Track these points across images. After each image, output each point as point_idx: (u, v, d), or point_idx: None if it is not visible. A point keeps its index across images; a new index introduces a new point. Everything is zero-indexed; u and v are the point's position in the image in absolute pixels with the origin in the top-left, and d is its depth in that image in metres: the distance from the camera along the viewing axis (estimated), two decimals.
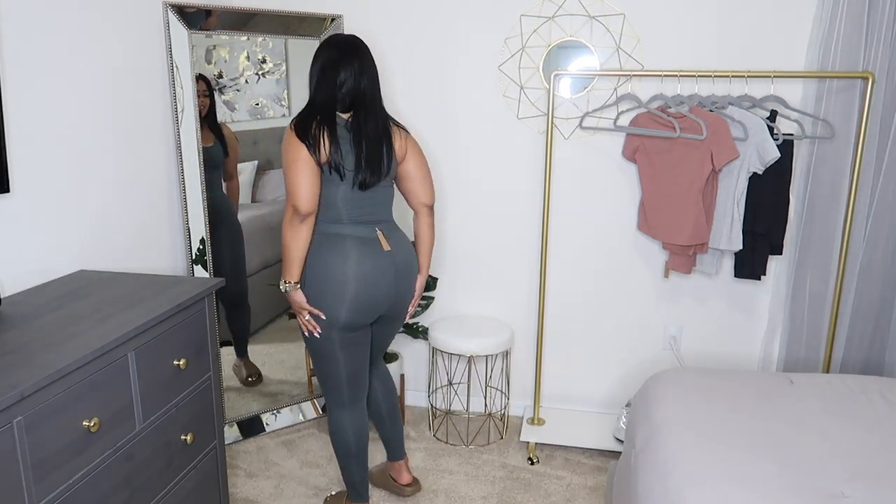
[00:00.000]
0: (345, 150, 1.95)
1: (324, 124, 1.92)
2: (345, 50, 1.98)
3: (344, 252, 1.97)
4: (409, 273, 2.09)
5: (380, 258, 2.00)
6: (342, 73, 1.96)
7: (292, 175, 1.91)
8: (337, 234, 1.99)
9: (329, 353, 2.06)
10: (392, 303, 2.07)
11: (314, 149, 1.90)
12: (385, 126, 2.02)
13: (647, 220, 2.65)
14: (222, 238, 2.72)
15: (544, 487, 2.50)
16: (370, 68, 2.01)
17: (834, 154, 2.50)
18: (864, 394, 1.94)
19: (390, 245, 2.03)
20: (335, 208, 1.99)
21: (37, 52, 1.87)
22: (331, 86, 1.96)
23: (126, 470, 1.57)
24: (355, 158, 1.96)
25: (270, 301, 2.95)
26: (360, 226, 2.01)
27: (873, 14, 2.37)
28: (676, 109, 2.52)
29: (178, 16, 2.45)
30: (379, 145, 1.98)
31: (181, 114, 2.49)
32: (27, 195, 1.86)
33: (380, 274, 2.00)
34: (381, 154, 1.99)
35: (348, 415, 2.15)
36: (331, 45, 2.00)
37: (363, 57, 2.00)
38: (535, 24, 2.68)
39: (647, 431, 1.84)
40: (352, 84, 1.96)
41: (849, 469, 1.56)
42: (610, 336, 2.92)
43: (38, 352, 1.38)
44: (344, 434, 2.16)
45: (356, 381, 2.13)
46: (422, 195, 2.12)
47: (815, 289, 2.62)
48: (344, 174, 1.94)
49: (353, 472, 2.21)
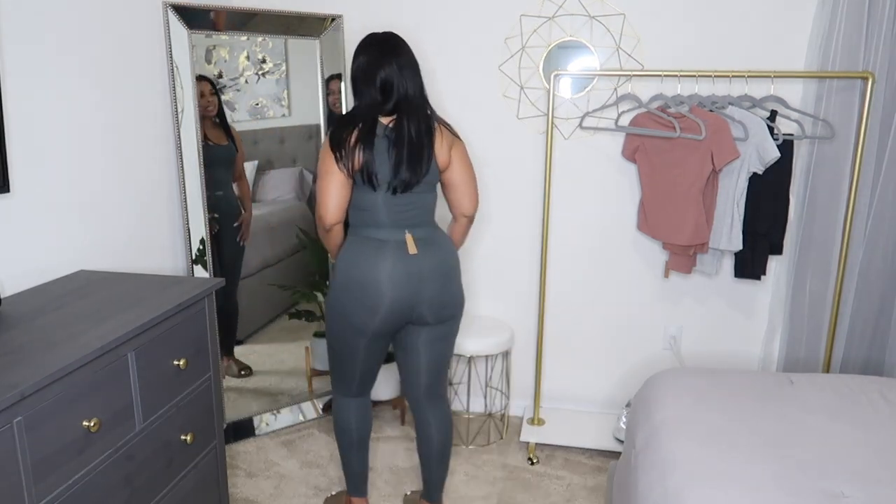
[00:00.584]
0: (380, 160, 1.88)
1: (360, 134, 1.86)
2: (386, 49, 1.91)
3: (376, 257, 1.92)
4: (439, 277, 1.97)
5: (405, 262, 1.93)
6: (382, 74, 1.88)
7: (321, 186, 1.90)
8: (371, 238, 1.95)
9: (350, 354, 2.05)
10: (417, 307, 1.97)
11: (345, 161, 1.86)
12: (428, 127, 1.92)
13: (647, 220, 2.65)
14: (227, 236, 2.73)
15: (544, 487, 2.50)
16: (413, 67, 1.93)
17: (834, 154, 2.50)
18: (864, 394, 1.94)
19: (419, 250, 1.95)
20: (371, 211, 1.94)
21: (37, 51, 1.87)
22: (371, 89, 1.89)
23: (126, 470, 1.57)
24: (393, 165, 1.88)
25: (270, 301, 2.95)
26: (394, 230, 1.95)
27: (873, 14, 2.37)
28: (676, 109, 2.52)
29: (178, 16, 2.45)
30: (419, 149, 1.89)
31: (181, 114, 2.49)
32: (27, 195, 1.86)
33: (403, 278, 1.93)
34: (421, 158, 1.90)
35: (354, 404, 2.17)
36: (370, 46, 1.93)
37: (403, 54, 1.92)
38: (535, 24, 2.68)
39: (647, 431, 1.83)
40: (393, 85, 1.89)
41: (849, 469, 1.56)
42: (610, 336, 2.92)
43: (38, 352, 1.38)
44: (348, 422, 2.17)
45: (369, 377, 2.15)
46: (464, 206, 2.05)
47: (815, 289, 2.62)
48: (378, 184, 1.89)
49: (353, 464, 2.22)
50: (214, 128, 2.63)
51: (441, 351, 2.12)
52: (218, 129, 2.64)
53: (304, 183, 2.96)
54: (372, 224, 1.95)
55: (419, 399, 2.16)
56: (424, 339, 2.07)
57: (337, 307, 2.00)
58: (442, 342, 2.10)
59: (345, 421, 2.18)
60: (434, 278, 1.97)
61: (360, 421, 2.18)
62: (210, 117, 2.61)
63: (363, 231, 1.97)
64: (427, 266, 1.96)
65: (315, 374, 3.03)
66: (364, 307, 1.94)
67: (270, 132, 2.84)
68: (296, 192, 2.96)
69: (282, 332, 3.00)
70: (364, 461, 2.24)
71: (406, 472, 2.59)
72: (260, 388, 2.93)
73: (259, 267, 2.88)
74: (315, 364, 3.04)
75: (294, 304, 3.01)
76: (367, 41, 1.95)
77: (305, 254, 2.95)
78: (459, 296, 2.06)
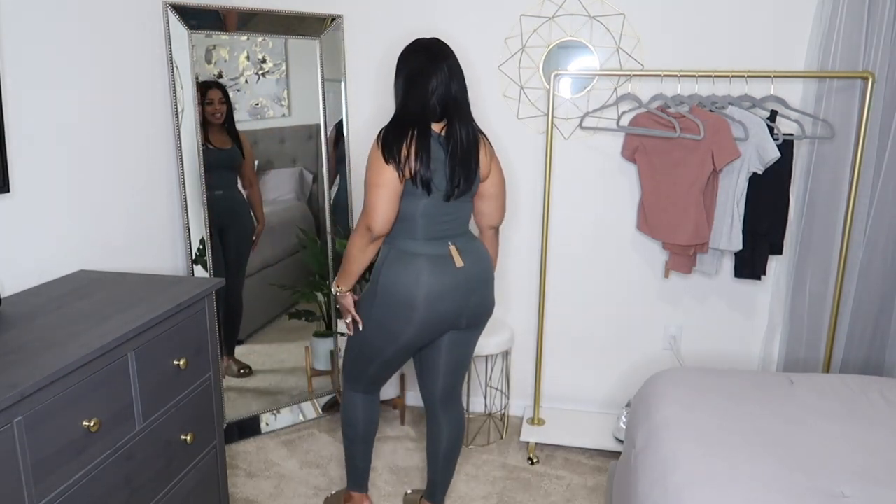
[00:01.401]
0: (435, 166, 1.86)
1: (417, 138, 1.83)
2: (434, 55, 1.89)
3: (417, 272, 1.90)
4: (482, 285, 2.00)
5: (452, 275, 1.92)
6: (433, 80, 1.86)
7: (373, 197, 1.84)
8: (411, 253, 1.91)
9: (376, 356, 2.05)
10: (461, 316, 1.98)
11: (402, 167, 1.82)
12: (475, 135, 1.93)
13: (647, 220, 2.65)
14: (230, 238, 2.73)
15: (544, 487, 2.50)
16: (459, 73, 1.92)
17: (834, 154, 2.50)
18: (864, 394, 1.94)
19: (464, 261, 1.94)
20: (412, 222, 1.91)
21: (36, 51, 1.87)
22: (423, 95, 1.86)
23: (126, 470, 1.57)
24: (449, 170, 1.87)
25: (271, 301, 2.95)
26: (434, 242, 1.93)
27: (873, 14, 2.37)
28: (676, 109, 2.52)
29: (178, 16, 2.45)
30: (470, 156, 1.90)
31: (181, 114, 2.49)
32: (27, 195, 1.86)
33: (448, 291, 1.92)
34: (472, 165, 1.91)
35: (364, 399, 2.19)
36: (418, 52, 1.91)
37: (452, 61, 1.91)
38: (535, 24, 2.68)
39: (647, 431, 1.83)
40: (443, 91, 1.87)
41: (849, 469, 1.56)
42: (610, 336, 2.92)
43: (38, 352, 1.38)
44: (356, 417, 2.19)
45: (383, 379, 2.16)
46: (493, 217, 2.06)
47: (815, 288, 2.62)
48: (433, 191, 1.87)
49: (357, 458, 2.23)
50: (220, 132, 2.64)
51: (465, 353, 2.13)
52: (223, 133, 2.65)
53: (304, 183, 2.96)
54: (409, 236, 1.92)
55: (436, 400, 2.16)
56: (449, 342, 2.07)
57: (377, 318, 1.97)
58: (467, 346, 2.11)
59: (353, 416, 2.19)
60: (478, 288, 1.98)
61: (368, 417, 2.20)
62: (217, 123, 2.63)
63: (403, 244, 1.93)
64: (473, 276, 1.96)
65: (315, 373, 3.03)
66: (410, 323, 1.93)
67: (270, 132, 2.84)
68: (296, 192, 2.96)
69: (282, 332, 3.01)
70: (368, 457, 2.25)
71: (406, 472, 2.59)
72: (260, 388, 2.93)
73: (259, 267, 2.88)
74: (315, 364, 3.04)
75: (294, 304, 3.01)
76: (414, 47, 1.94)
77: (305, 254, 2.95)
78: (493, 300, 2.08)
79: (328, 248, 2.93)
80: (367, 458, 2.25)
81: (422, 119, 1.87)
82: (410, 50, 1.93)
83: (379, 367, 2.08)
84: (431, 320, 1.93)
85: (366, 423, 2.20)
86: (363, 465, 2.25)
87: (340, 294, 2.01)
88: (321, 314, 3.01)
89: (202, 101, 2.56)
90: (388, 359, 2.04)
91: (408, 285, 1.90)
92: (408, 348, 2.01)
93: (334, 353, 3.04)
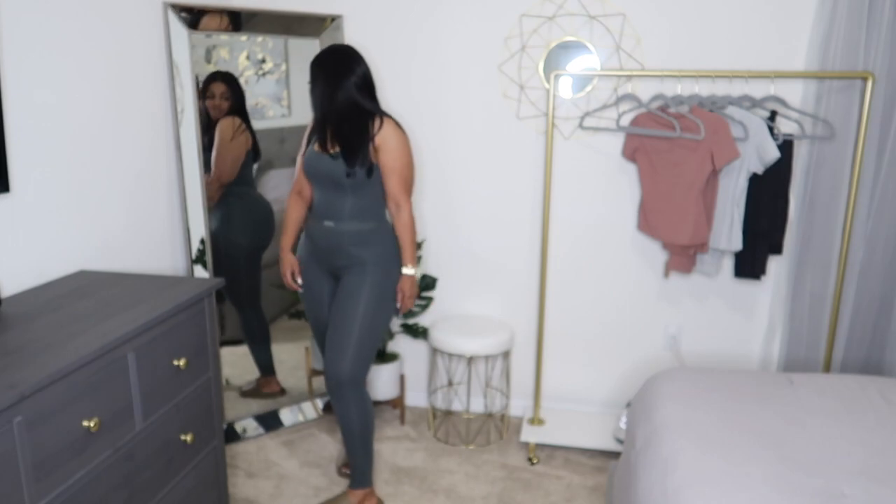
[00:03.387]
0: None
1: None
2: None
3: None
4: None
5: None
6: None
7: (413, 175, 2.21)
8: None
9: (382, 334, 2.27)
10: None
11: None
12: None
13: (647, 220, 2.65)
14: (250, 234, 2.78)
15: (544, 487, 2.50)
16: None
17: (834, 154, 2.50)
18: (864, 394, 1.94)
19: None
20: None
21: (37, 51, 1.87)
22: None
23: (126, 470, 1.57)
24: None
25: (271, 301, 2.95)
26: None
27: (873, 14, 2.37)
28: (676, 109, 2.52)
29: (178, 16, 2.45)
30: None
31: (181, 114, 2.49)
32: (27, 195, 1.86)
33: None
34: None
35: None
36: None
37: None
38: (535, 24, 2.68)
39: (647, 431, 1.83)
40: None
41: (849, 469, 1.56)
42: (610, 336, 2.92)
43: (38, 352, 1.38)
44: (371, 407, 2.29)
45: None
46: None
47: (815, 289, 2.62)
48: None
49: (371, 451, 2.32)
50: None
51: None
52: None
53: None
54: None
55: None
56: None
57: (394, 298, 2.23)
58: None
59: (371, 408, 2.28)
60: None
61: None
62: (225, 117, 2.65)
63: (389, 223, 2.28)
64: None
65: (315, 374, 3.03)
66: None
67: (270, 132, 2.84)
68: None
69: (282, 332, 3.00)
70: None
71: (406, 472, 2.59)
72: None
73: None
74: (315, 364, 3.04)
75: (294, 303, 3.01)
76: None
77: None
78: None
79: None
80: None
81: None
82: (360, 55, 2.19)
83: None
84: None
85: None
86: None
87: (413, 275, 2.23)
88: None
89: (203, 96, 2.57)
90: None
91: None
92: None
93: None
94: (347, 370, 2.14)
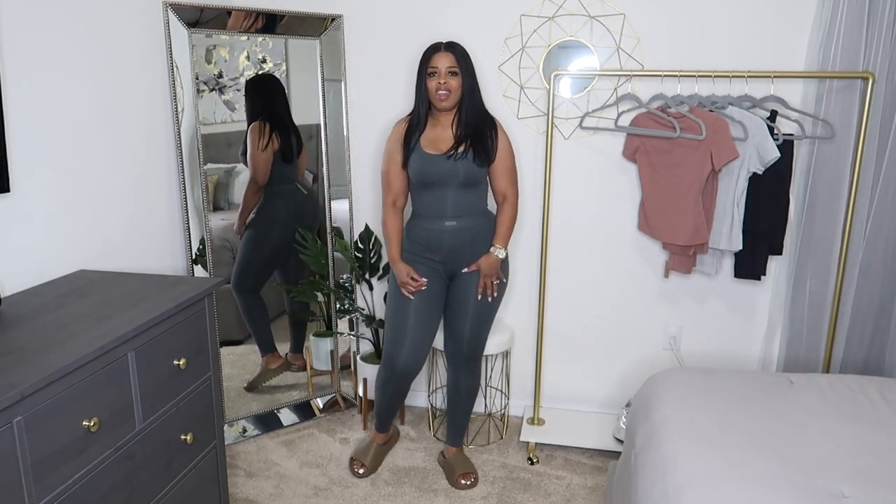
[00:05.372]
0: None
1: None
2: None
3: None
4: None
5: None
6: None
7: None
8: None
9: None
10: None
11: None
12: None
13: (647, 220, 2.65)
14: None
15: (544, 487, 2.50)
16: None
17: (834, 154, 2.50)
18: (864, 394, 1.94)
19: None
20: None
21: (37, 51, 1.87)
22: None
23: (126, 470, 1.57)
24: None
25: (271, 302, 2.95)
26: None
27: (873, 14, 2.37)
28: (676, 109, 2.52)
29: (178, 15, 2.45)
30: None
31: (181, 113, 2.49)
32: (27, 195, 1.86)
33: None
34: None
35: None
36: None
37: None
38: (535, 24, 2.68)
39: (647, 431, 1.83)
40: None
41: (849, 469, 1.56)
42: (610, 336, 2.92)
43: (38, 352, 1.38)
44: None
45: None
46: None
47: (815, 289, 2.62)
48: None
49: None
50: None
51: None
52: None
53: (305, 182, 2.96)
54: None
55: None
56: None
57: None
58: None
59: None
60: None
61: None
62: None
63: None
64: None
65: (315, 373, 3.03)
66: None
67: None
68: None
69: (282, 332, 3.00)
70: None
71: (406, 472, 2.59)
72: (260, 387, 2.93)
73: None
74: (315, 364, 3.04)
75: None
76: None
77: (305, 254, 2.94)
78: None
79: (328, 248, 2.93)
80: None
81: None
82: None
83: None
84: None
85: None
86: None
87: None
88: (321, 314, 3.01)
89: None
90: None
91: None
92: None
93: (334, 353, 3.04)
94: (481, 347, 2.52)
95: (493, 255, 2.36)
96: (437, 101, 2.28)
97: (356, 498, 2.43)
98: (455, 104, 2.31)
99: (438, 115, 2.35)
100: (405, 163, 2.34)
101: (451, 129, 2.33)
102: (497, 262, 2.36)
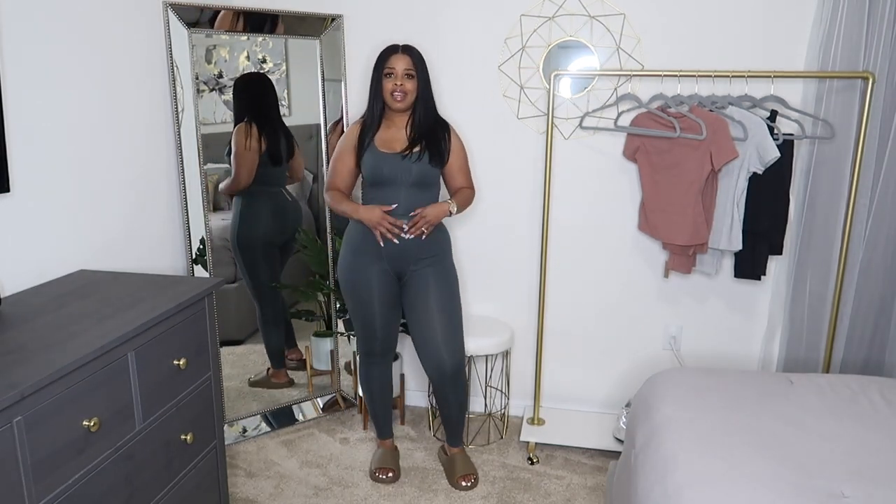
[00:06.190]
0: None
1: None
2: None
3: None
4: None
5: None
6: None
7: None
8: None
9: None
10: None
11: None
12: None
13: (647, 219, 2.65)
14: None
15: (544, 487, 2.50)
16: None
17: (834, 154, 2.50)
18: (864, 394, 1.94)
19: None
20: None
21: (37, 51, 1.87)
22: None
23: (126, 470, 1.57)
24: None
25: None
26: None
27: (873, 14, 2.37)
28: (676, 109, 2.52)
29: (178, 15, 2.45)
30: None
31: (181, 113, 2.49)
32: (27, 195, 1.86)
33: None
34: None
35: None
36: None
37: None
38: (535, 24, 2.68)
39: (647, 431, 1.83)
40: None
41: (849, 469, 1.56)
42: (610, 336, 2.92)
43: (38, 352, 1.38)
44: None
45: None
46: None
47: (815, 289, 2.62)
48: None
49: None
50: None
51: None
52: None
53: (304, 183, 2.96)
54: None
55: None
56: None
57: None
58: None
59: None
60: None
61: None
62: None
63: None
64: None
65: (315, 373, 3.03)
66: None
67: None
68: (296, 191, 2.96)
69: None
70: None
71: (406, 472, 2.59)
72: (260, 387, 2.93)
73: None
74: (315, 364, 3.04)
75: (294, 303, 3.01)
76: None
77: (306, 253, 2.95)
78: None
79: (328, 248, 2.93)
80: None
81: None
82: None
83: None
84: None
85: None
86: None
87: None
88: (321, 314, 3.01)
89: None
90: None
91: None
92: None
93: (334, 353, 3.04)
94: (462, 356, 2.43)
95: (445, 203, 2.31)
96: (393, 101, 2.29)
97: (356, 498, 2.43)
98: (409, 106, 2.32)
99: (392, 116, 2.35)
100: (358, 161, 2.35)
101: (405, 130, 2.34)
102: (443, 212, 2.29)
